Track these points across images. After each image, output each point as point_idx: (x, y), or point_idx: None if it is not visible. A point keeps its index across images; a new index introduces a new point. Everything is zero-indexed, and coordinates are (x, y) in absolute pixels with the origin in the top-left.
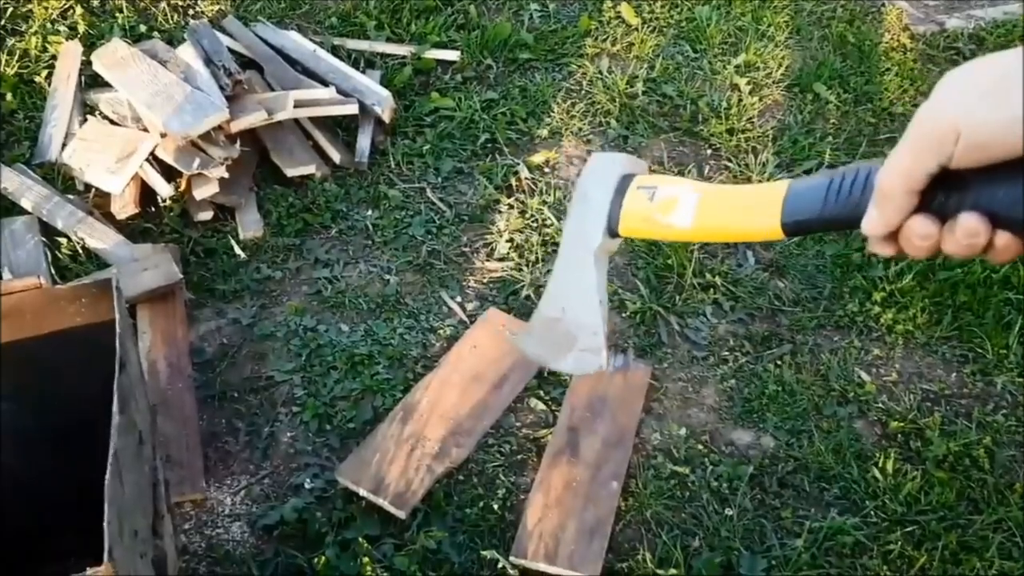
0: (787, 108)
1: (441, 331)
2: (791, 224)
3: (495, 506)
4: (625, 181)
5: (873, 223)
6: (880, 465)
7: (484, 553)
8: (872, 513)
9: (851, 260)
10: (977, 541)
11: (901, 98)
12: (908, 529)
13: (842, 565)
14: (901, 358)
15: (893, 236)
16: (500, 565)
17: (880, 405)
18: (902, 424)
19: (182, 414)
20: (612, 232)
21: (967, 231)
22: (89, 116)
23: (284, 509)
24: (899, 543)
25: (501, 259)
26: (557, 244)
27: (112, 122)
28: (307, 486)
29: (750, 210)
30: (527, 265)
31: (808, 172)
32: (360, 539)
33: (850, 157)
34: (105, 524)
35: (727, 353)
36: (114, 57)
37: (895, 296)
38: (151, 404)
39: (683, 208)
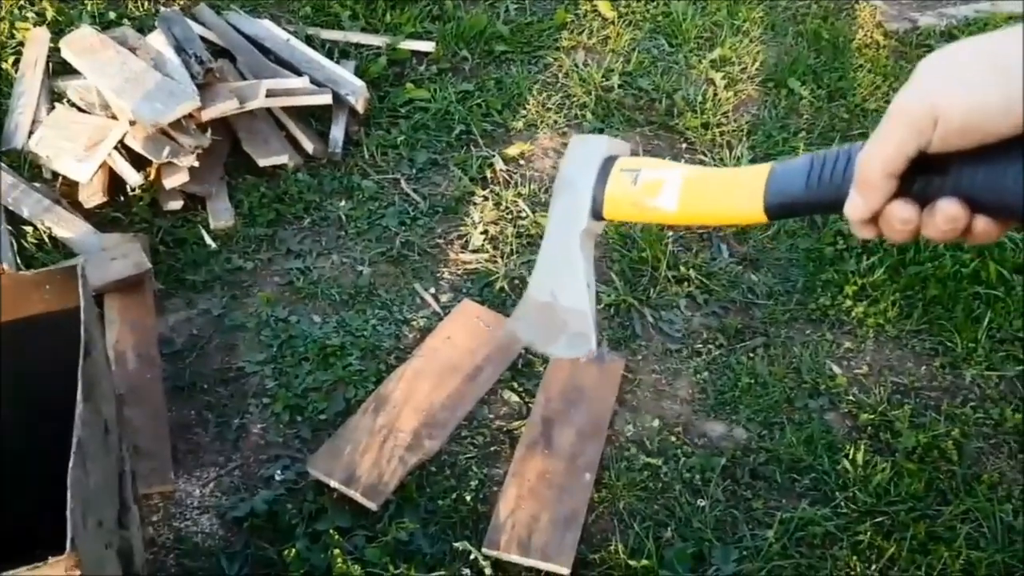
0: (761, 103)
1: (414, 323)
2: (774, 207)
3: (468, 498)
4: (608, 163)
5: (854, 207)
6: (850, 456)
7: (456, 545)
8: (842, 504)
9: (824, 254)
10: (945, 531)
11: (874, 94)
12: (878, 520)
13: (812, 555)
14: (872, 351)
15: (875, 220)
16: (472, 557)
17: (851, 397)
18: (872, 416)
19: (151, 405)
20: (597, 215)
21: (946, 216)
22: (57, 103)
23: (254, 501)
24: (868, 533)
25: (475, 251)
26: (531, 236)
27: (80, 110)
28: (278, 478)
29: (734, 193)
30: (501, 257)
31: None
32: (331, 531)
33: None
34: (68, 512)
35: (700, 346)
36: (83, 44)
37: (866, 290)
38: (118, 394)
39: (668, 191)
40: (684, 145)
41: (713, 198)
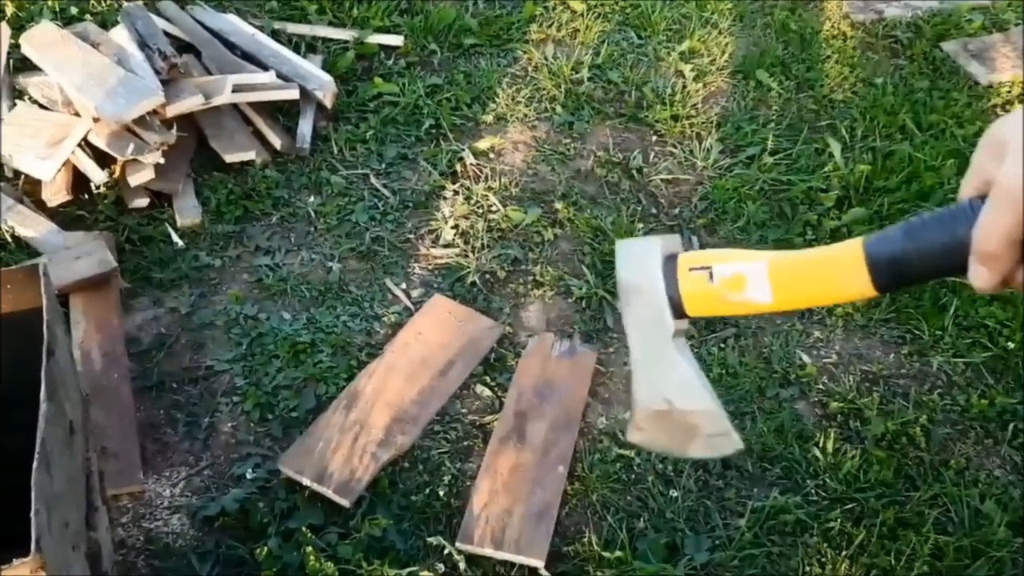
0: (730, 95)
1: (386, 318)
2: (884, 279)
3: (441, 492)
4: (670, 263)
5: (984, 280)
6: (821, 445)
7: (430, 540)
8: (813, 492)
9: (793, 244)
10: (914, 517)
11: (841, 85)
12: (848, 507)
13: (783, 543)
14: (841, 340)
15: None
16: (446, 552)
17: (821, 386)
18: (842, 404)
19: (118, 405)
20: (679, 315)
21: None
22: (18, 101)
23: (225, 500)
24: (839, 520)
25: (446, 245)
26: (502, 230)
27: (42, 107)
28: (249, 476)
29: (834, 274)
30: (472, 251)
31: (751, 158)
32: (303, 529)
33: (792, 143)
34: (32, 514)
35: None
36: (44, 40)
37: None
38: (84, 394)
39: (756, 284)
40: (654, 137)
41: (812, 283)
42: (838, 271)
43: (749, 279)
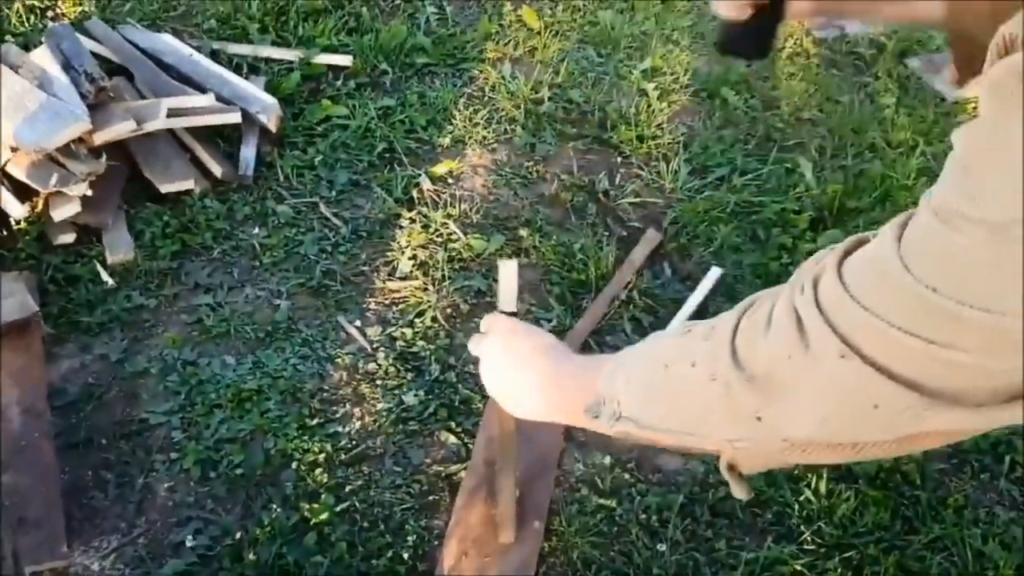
0: (696, 113)
1: (340, 360)
2: None
3: (405, 555)
4: None
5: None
6: (812, 487)
7: None
8: (808, 539)
9: (769, 269)
10: (915, 563)
11: (808, 103)
12: (846, 554)
13: None
14: None
15: None
16: None
17: None
18: None
19: (39, 467)
20: None
21: None
22: None
23: (163, 572)
24: (838, 570)
25: (404, 278)
26: (464, 260)
27: None
28: (189, 544)
29: None
30: (432, 284)
31: (721, 179)
32: None
33: (761, 163)
34: None
35: None
36: None
37: None
38: None
39: None
40: (619, 159)
41: None
42: None
43: None
